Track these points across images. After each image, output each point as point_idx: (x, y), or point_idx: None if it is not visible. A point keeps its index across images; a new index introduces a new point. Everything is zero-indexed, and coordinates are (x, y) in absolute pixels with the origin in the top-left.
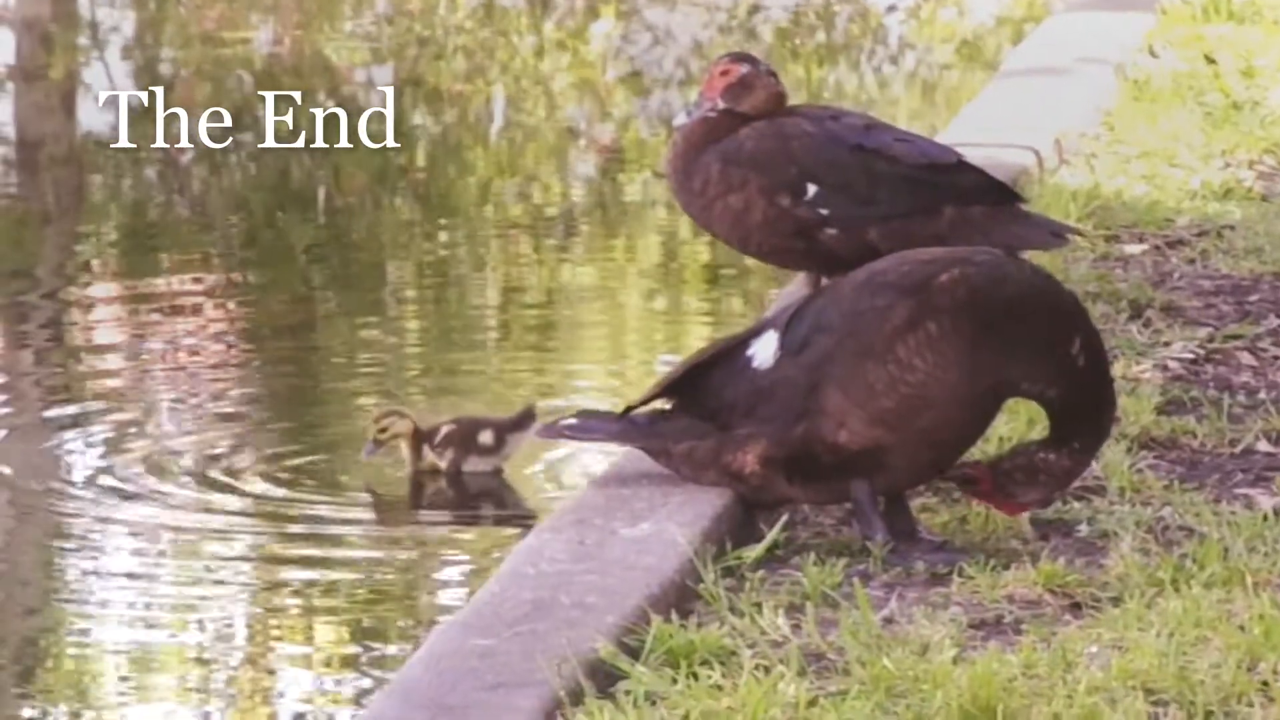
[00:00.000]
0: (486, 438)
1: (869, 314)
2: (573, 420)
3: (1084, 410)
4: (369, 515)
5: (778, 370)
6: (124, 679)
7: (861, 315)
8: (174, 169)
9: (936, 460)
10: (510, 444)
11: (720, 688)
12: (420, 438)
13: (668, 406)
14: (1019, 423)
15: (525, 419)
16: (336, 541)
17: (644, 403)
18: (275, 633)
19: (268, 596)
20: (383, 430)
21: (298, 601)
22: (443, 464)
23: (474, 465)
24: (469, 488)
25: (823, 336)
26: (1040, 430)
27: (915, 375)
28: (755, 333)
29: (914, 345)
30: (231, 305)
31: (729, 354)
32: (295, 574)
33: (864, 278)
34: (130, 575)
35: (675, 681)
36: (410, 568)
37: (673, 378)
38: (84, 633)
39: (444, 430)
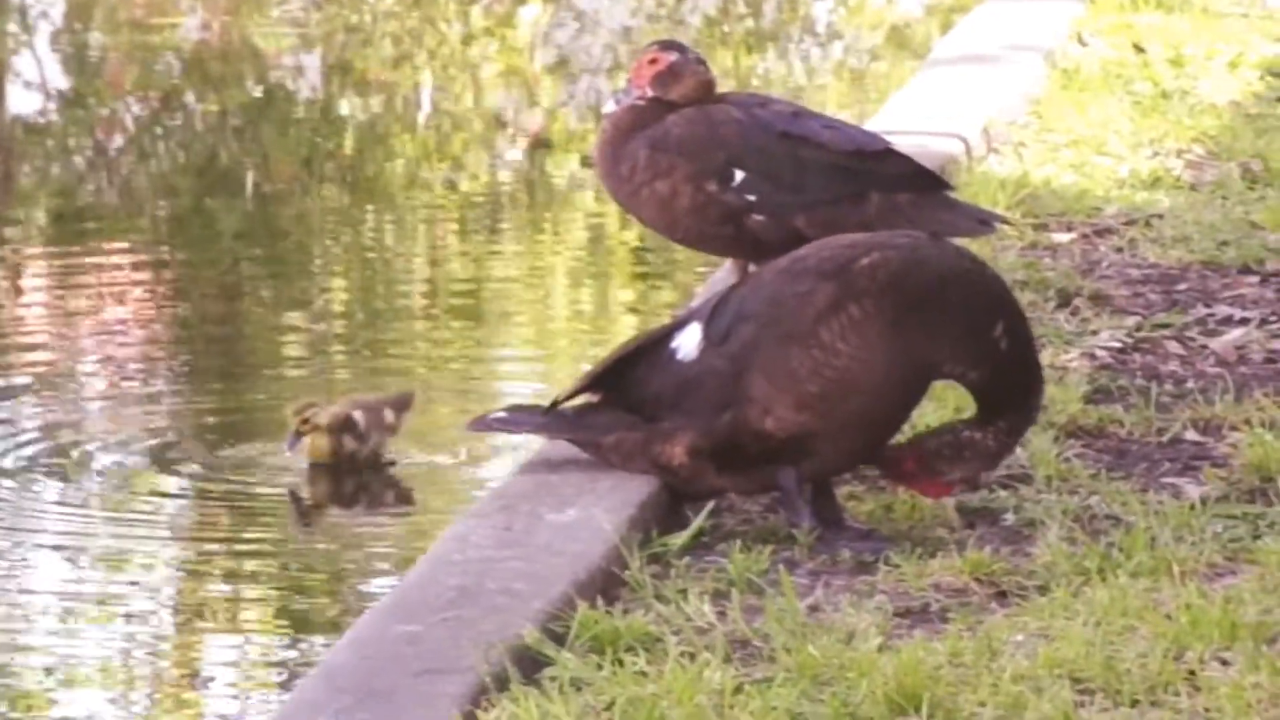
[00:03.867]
0: (389, 417)
1: (791, 300)
2: (501, 413)
3: (1009, 392)
4: (295, 501)
5: (702, 361)
6: (47, 664)
7: (783, 302)
8: (102, 154)
9: (864, 445)
10: (401, 423)
11: (645, 674)
12: (341, 427)
13: (594, 400)
14: (946, 410)
15: (407, 399)
16: (262, 527)
17: (570, 397)
18: (201, 618)
19: (193, 582)
20: (304, 422)
21: (223, 587)
22: (366, 450)
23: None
24: (395, 473)
25: (746, 325)
26: (968, 414)
27: (839, 359)
28: (679, 324)
29: (836, 329)
30: (159, 289)
31: (653, 346)
32: (221, 559)
33: (785, 264)
34: (55, 560)
35: (601, 668)
36: (336, 554)
37: (597, 372)
38: (6, 617)
39: (361, 416)
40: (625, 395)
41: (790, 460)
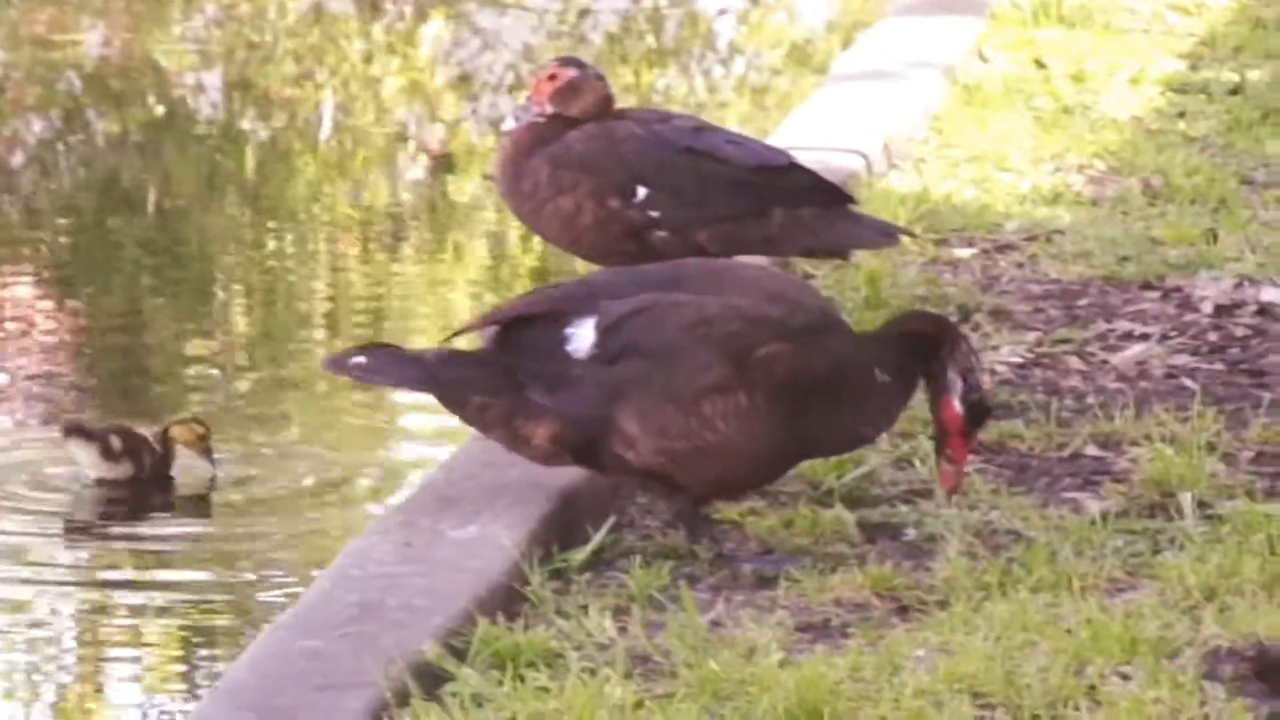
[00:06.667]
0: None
1: (685, 362)
2: (361, 358)
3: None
4: (195, 518)
5: (587, 368)
6: None
7: (678, 360)
8: (3, 171)
9: (719, 495)
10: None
11: (547, 689)
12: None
13: (467, 351)
14: None
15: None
16: (163, 545)
17: (461, 332)
18: (102, 637)
19: (93, 601)
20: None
21: (124, 605)
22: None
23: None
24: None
25: (637, 360)
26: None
27: (714, 435)
28: (581, 308)
29: (720, 409)
30: (60, 307)
31: (550, 320)
32: (122, 577)
33: (693, 318)
34: None
35: (502, 683)
36: (238, 571)
37: (496, 319)
38: None
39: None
40: (507, 349)
41: (647, 486)
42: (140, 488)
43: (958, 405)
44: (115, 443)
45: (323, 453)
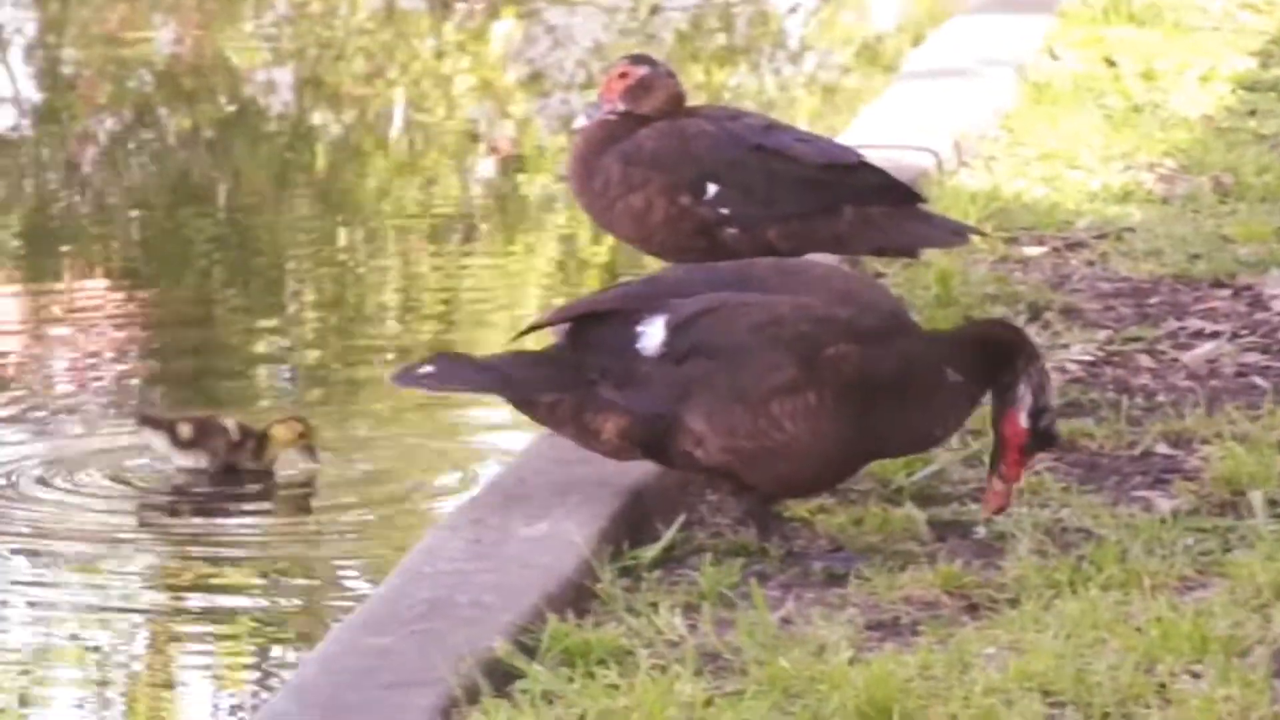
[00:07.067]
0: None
1: (754, 362)
2: (429, 368)
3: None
4: (269, 515)
5: (657, 367)
6: (22, 682)
7: (746, 359)
8: (76, 169)
9: (788, 494)
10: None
11: (617, 687)
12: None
13: (534, 351)
14: None
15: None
16: (236, 542)
17: (532, 329)
18: (174, 634)
19: (167, 597)
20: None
21: (197, 601)
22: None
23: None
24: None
25: (706, 360)
26: None
27: (781, 434)
28: (652, 306)
29: (789, 409)
30: (132, 304)
31: (622, 317)
32: (195, 573)
33: (763, 318)
34: (28, 579)
35: (572, 680)
36: (307, 567)
37: (567, 316)
38: None
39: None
40: (577, 345)
41: (713, 483)
42: (217, 479)
43: (1023, 419)
44: (184, 430)
45: (393, 448)
